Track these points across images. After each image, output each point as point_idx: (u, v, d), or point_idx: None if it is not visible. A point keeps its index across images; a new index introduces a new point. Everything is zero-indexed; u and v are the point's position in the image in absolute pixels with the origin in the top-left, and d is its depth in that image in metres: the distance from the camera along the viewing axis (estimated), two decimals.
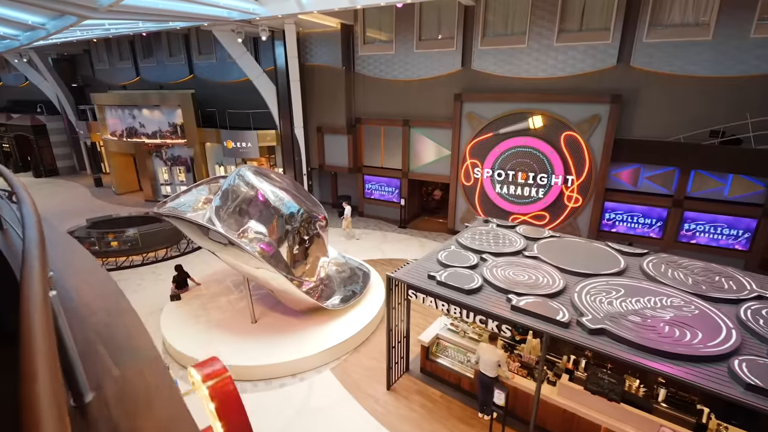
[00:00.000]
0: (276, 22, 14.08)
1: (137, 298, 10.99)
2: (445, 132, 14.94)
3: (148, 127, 19.86)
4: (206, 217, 9.06)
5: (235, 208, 8.74)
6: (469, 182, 14.73)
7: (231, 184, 9.00)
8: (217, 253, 8.37)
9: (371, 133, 16.62)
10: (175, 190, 20.75)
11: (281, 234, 8.77)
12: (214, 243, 8.09)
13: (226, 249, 7.91)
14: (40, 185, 24.91)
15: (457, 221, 15.51)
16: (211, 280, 11.15)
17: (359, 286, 10.16)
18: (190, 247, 14.48)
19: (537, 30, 12.75)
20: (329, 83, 16.47)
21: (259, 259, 7.66)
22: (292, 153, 17.30)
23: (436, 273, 6.56)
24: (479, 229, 8.64)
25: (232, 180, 9.09)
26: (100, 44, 24.14)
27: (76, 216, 18.17)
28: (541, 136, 13.11)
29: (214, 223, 8.75)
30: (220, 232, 7.57)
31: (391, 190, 16.89)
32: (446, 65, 14.41)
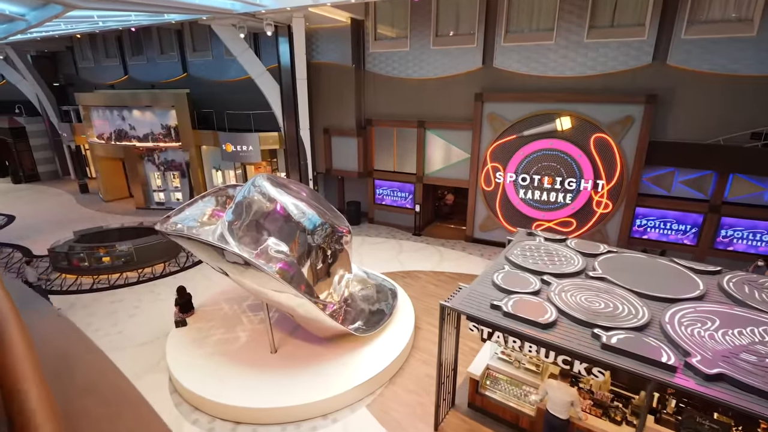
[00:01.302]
0: (283, 15, 13.01)
1: (136, 323, 9.82)
2: (463, 134, 14.05)
3: (138, 130, 18.53)
4: (217, 234, 7.98)
5: (251, 222, 7.69)
6: (490, 187, 13.88)
7: (246, 196, 7.94)
8: (232, 275, 7.32)
9: (383, 136, 15.65)
10: (169, 197, 19.49)
11: (303, 250, 7.75)
12: (229, 264, 7.04)
13: (243, 271, 6.86)
14: (20, 192, 23.28)
15: (476, 228, 14.65)
16: (219, 301, 10.05)
17: (387, 306, 9.19)
18: (190, 261, 13.31)
19: (565, 26, 11.95)
20: (337, 82, 15.44)
21: (283, 283, 6.63)
22: (298, 157, 16.22)
23: (501, 302, 5.63)
24: (527, 244, 7.75)
25: (246, 191, 8.03)
26: (84, 40, 22.64)
27: (61, 227, 16.81)
28: (569, 139, 12.32)
29: (228, 241, 7.68)
30: (239, 253, 6.52)
31: (404, 195, 15.95)
32: (465, 63, 13.53)
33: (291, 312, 7.67)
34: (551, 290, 6.04)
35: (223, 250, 6.78)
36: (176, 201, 19.50)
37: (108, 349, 8.78)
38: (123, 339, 9.15)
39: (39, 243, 15.13)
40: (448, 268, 12.68)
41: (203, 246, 7.12)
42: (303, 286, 7.55)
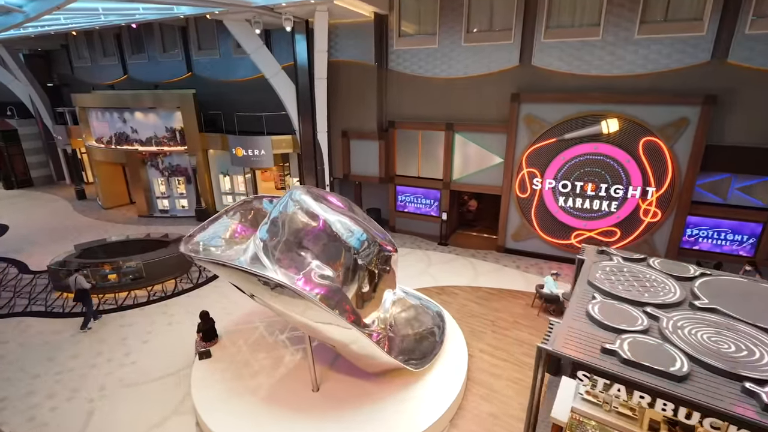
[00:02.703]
0: (304, 9, 11.97)
1: (151, 351, 8.74)
2: (496, 137, 13.11)
3: (141, 133, 17.37)
4: (249, 255, 6.94)
5: (289, 242, 6.66)
6: (525, 194, 12.94)
7: (282, 212, 6.91)
8: (268, 301, 6.29)
9: (406, 139, 14.67)
10: (174, 204, 18.35)
11: (349, 273, 6.74)
12: (267, 291, 6.03)
13: (287, 300, 5.84)
14: (13, 199, 21.96)
15: (508, 237, 13.71)
16: (243, 326, 8.99)
17: (436, 331, 8.20)
18: (203, 277, 12.22)
19: (614, 20, 11.05)
20: (357, 82, 14.42)
21: (339, 318, 5.63)
22: (314, 161, 15.20)
23: (616, 346, 4.66)
24: (606, 266, 6.80)
25: (283, 206, 7.00)
26: (80, 38, 21.43)
27: (60, 238, 15.63)
28: (616, 142, 11.42)
29: (263, 264, 6.65)
30: (292, 287, 5.49)
31: (429, 202, 14.97)
32: (500, 61, 12.58)
33: (340, 347, 6.65)
34: (664, 327, 5.09)
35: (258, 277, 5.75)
36: (181, 208, 18.37)
37: (124, 385, 7.70)
38: (138, 372, 8.06)
39: (35, 256, 13.95)
40: (485, 282, 11.73)
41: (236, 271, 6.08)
42: (352, 316, 6.54)
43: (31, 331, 9.60)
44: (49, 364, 8.37)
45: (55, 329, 9.66)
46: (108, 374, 8.02)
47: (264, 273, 5.79)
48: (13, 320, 10.10)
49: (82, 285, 9.54)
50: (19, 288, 11.76)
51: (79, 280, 9.53)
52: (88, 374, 8.04)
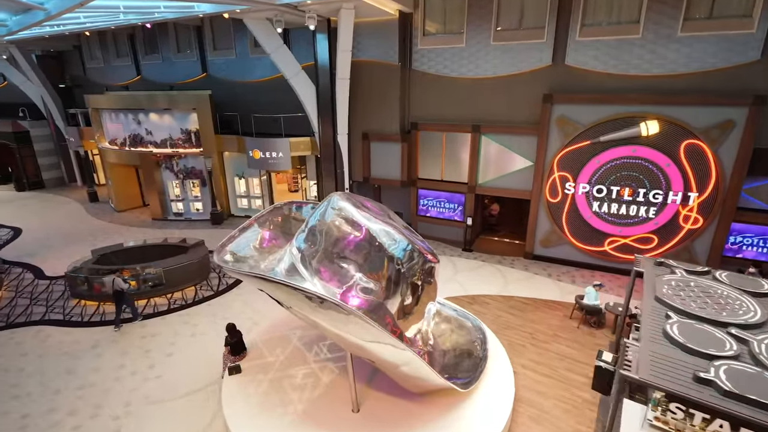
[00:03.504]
0: (328, 7, 11.56)
1: (175, 365, 8.33)
2: (525, 139, 12.63)
3: (156, 135, 17.03)
4: (285, 265, 6.52)
5: (328, 252, 6.22)
6: (556, 198, 12.45)
7: (321, 220, 6.47)
8: (314, 318, 5.84)
9: (429, 141, 14.21)
10: (188, 207, 17.99)
11: (391, 284, 6.29)
12: (312, 306, 5.58)
13: (334, 317, 5.39)
14: (25, 200, 21.72)
15: (537, 243, 13.21)
16: (271, 337, 8.56)
17: (478, 346, 7.73)
18: (224, 283, 11.81)
19: (655, 18, 10.54)
20: (380, 82, 13.99)
21: (395, 339, 5.18)
22: (334, 164, 14.77)
23: (711, 375, 4.18)
24: (671, 279, 6.32)
25: (321, 214, 6.57)
26: (93, 39, 21.16)
27: (75, 242, 15.32)
28: (655, 145, 10.91)
29: (302, 275, 6.22)
30: (348, 307, 5.03)
31: (453, 206, 14.49)
32: (531, 60, 12.11)
33: (388, 367, 6.20)
34: (757, 351, 4.60)
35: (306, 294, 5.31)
36: (195, 212, 18.00)
37: (150, 401, 7.29)
38: (164, 387, 7.65)
39: (50, 261, 13.62)
40: (516, 291, 11.24)
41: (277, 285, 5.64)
42: (396, 331, 6.09)
43: (50, 341, 9.23)
44: (69, 377, 7.98)
45: (75, 339, 9.28)
46: (133, 390, 7.61)
47: (317, 292, 5.31)
48: (32, 329, 9.74)
49: (120, 286, 9.54)
50: (35, 294, 11.41)
51: (117, 282, 9.53)
52: (111, 389, 7.64)
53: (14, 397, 7.52)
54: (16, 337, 9.41)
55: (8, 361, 8.58)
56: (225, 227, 17.02)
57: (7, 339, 9.36)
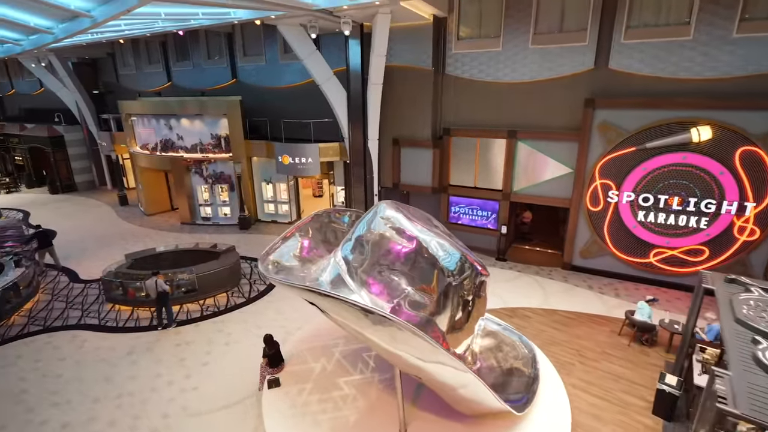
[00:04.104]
0: (365, 12, 11.39)
1: (211, 375, 8.17)
2: (565, 145, 12.18)
3: (186, 140, 17.17)
4: (330, 275, 6.29)
5: (379, 264, 5.97)
6: (597, 207, 11.93)
7: (370, 229, 6.23)
8: (368, 334, 5.57)
9: (462, 146, 13.87)
10: (216, 212, 18.06)
11: (441, 297, 5.98)
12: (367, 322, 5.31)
13: (391, 334, 5.11)
14: (59, 203, 22.24)
15: (576, 254, 12.68)
16: (307, 348, 8.33)
17: (528, 364, 7.32)
18: (255, 290, 11.68)
19: (708, 18, 10.01)
20: (412, 87, 13.75)
21: (457, 361, 4.86)
22: (364, 170, 14.57)
23: None
24: (747, 299, 5.82)
25: (369, 223, 6.33)
26: (126, 46, 21.61)
27: (107, 245, 15.51)
28: (708, 152, 10.33)
29: (349, 287, 5.98)
30: (413, 329, 4.74)
31: (486, 214, 14.09)
32: (572, 64, 11.68)
33: (444, 388, 5.88)
34: None
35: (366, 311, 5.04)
36: (223, 216, 18.06)
37: (188, 414, 7.13)
38: (201, 399, 7.49)
39: (84, 264, 13.77)
40: (557, 304, 10.76)
41: (329, 299, 5.40)
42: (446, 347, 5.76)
43: (87, 346, 9.22)
44: (107, 386, 7.90)
45: (110, 345, 9.25)
46: (170, 400, 7.47)
47: (381, 311, 5.01)
48: (68, 333, 9.76)
49: (163, 287, 9.59)
50: (71, 298, 11.50)
51: (159, 283, 9.57)
52: (149, 399, 7.52)
53: (54, 405, 7.47)
54: (54, 342, 9.44)
55: (47, 366, 8.58)
56: (252, 232, 17.00)
57: (45, 343, 9.40)
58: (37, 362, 8.70)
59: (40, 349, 9.16)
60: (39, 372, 8.39)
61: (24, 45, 13.58)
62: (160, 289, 9.58)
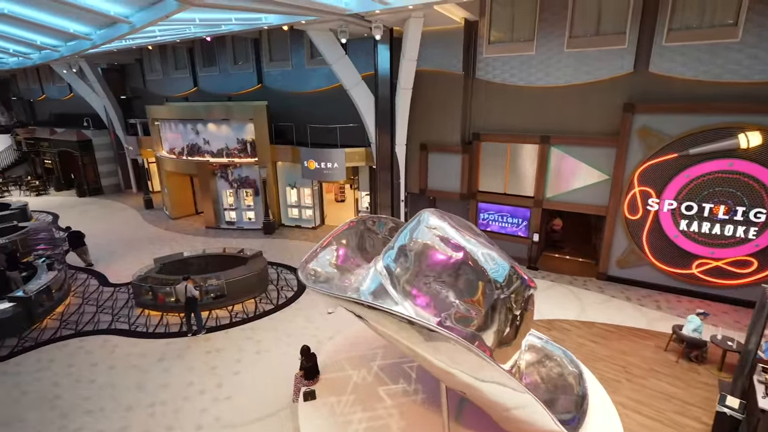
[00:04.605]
0: (397, 17, 11.26)
1: (243, 384, 8.03)
2: (601, 151, 11.78)
3: (213, 144, 17.28)
4: (373, 286, 6.08)
5: (425, 274, 5.72)
6: (636, 215, 11.48)
7: (414, 239, 5.99)
8: (416, 347, 5.32)
9: (492, 152, 13.56)
10: (241, 216, 18.09)
11: (489, 310, 5.69)
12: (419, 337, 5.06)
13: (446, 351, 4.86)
14: (86, 206, 22.65)
15: (612, 263, 12.22)
16: (341, 359, 8.12)
17: (574, 381, 6.96)
18: (283, 297, 11.56)
19: (757, 19, 9.55)
20: (441, 92, 13.55)
21: (511, 378, 4.59)
22: (391, 175, 14.38)
23: None
24: None
25: (412, 232, 6.09)
26: (154, 52, 21.98)
27: (134, 248, 15.64)
28: (757, 159, 9.82)
29: (393, 299, 5.76)
30: (468, 345, 4.49)
31: (517, 221, 13.73)
32: (610, 67, 11.31)
33: (495, 409, 5.59)
34: None
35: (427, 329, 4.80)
36: (248, 221, 18.08)
37: (222, 425, 6.99)
38: (234, 410, 7.34)
39: (113, 268, 13.88)
40: (595, 316, 10.33)
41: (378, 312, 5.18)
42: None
43: (118, 352, 9.19)
44: (140, 394, 7.82)
45: (141, 351, 9.20)
46: (203, 410, 7.34)
47: (442, 330, 4.75)
48: (99, 338, 9.77)
49: (192, 293, 9.51)
50: (101, 302, 11.56)
51: (189, 288, 9.49)
52: (182, 409, 7.40)
53: (87, 412, 7.42)
54: (86, 346, 9.45)
55: (80, 371, 8.57)
56: (276, 237, 16.95)
57: (77, 348, 9.41)
58: (71, 367, 8.70)
59: (72, 354, 9.18)
60: (72, 377, 8.38)
61: (62, 51, 13.86)
62: (189, 295, 9.52)
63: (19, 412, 7.41)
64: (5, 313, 9.75)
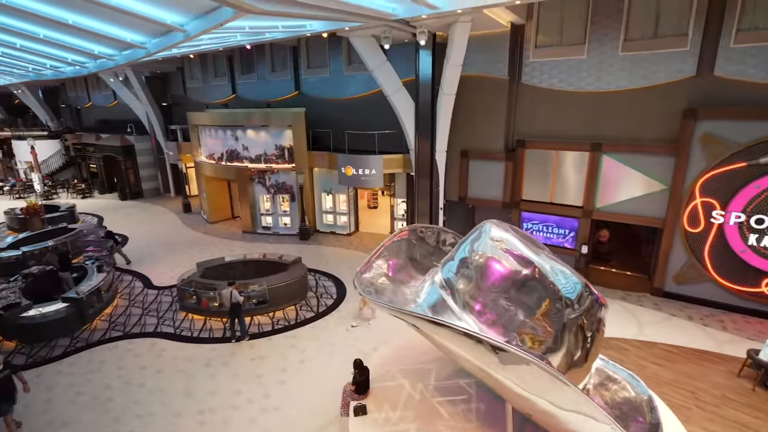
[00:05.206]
0: (443, 21, 11.05)
1: (289, 395, 7.90)
2: (658, 159, 11.15)
3: (251, 150, 17.50)
4: (432, 300, 5.83)
5: (489, 290, 5.42)
6: (697, 228, 10.76)
7: (478, 251, 5.70)
8: (492, 371, 5.00)
9: (537, 159, 13.09)
10: (277, 222, 18.21)
11: (558, 330, 5.32)
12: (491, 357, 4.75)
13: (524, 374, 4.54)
14: (128, 209, 23.41)
15: (668, 279, 11.50)
16: (390, 371, 7.85)
17: (647, 410, 6.45)
18: (323, 304, 11.44)
19: None
20: (485, 97, 13.22)
21: (596, 408, 4.23)
22: (430, 182, 14.11)
23: None
24: None
25: (475, 244, 5.81)
26: (195, 61, 22.58)
27: (175, 252, 15.96)
28: None
29: (456, 314, 5.48)
30: (544, 366, 4.19)
31: (563, 232, 13.18)
32: (669, 71, 10.71)
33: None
34: None
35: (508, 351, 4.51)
36: (283, 226, 18.18)
37: None
38: (283, 421, 7.21)
39: (156, 270, 14.16)
40: (654, 336, 9.69)
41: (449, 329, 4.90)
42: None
43: (165, 356, 9.26)
44: (188, 400, 7.81)
45: (187, 356, 9.24)
46: (251, 421, 7.24)
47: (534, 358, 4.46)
48: (147, 341, 9.90)
49: (237, 299, 9.50)
50: (146, 304, 11.75)
51: (234, 294, 9.48)
52: (231, 418, 7.32)
53: (138, 417, 7.45)
54: (134, 349, 9.58)
55: (129, 374, 8.66)
56: (312, 243, 16.94)
57: (126, 350, 9.55)
58: (120, 369, 8.81)
59: (121, 356, 9.31)
60: (122, 380, 8.47)
61: (117, 60, 14.37)
62: (234, 300, 9.51)
63: (76, 413, 7.52)
64: (59, 313, 10.02)
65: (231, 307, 9.56)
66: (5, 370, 6.50)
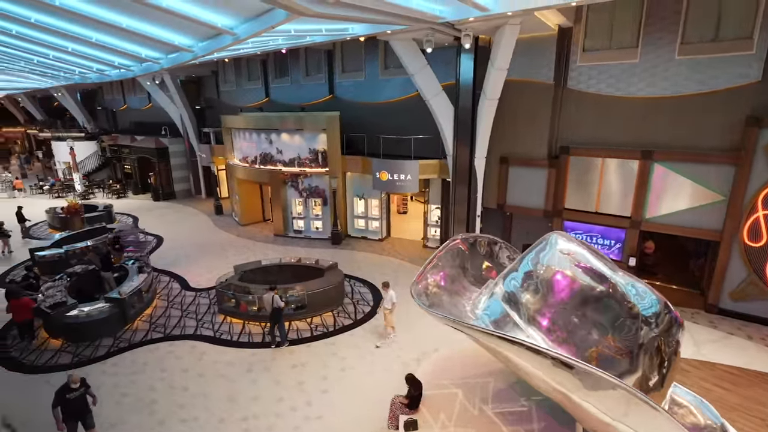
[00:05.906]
0: (489, 24, 10.80)
1: (332, 404, 7.71)
2: (716, 169, 10.55)
3: (285, 154, 17.56)
4: (495, 314, 5.55)
5: (559, 306, 5.11)
6: (759, 242, 10.11)
7: (544, 264, 5.41)
8: (567, 391, 4.68)
9: (582, 167, 12.60)
10: (308, 225, 18.18)
11: (637, 352, 4.96)
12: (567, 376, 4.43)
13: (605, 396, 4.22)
14: (161, 210, 23.86)
15: (724, 295, 10.85)
16: (441, 382, 7.57)
17: None
18: (360, 312, 11.26)
19: None
20: (529, 102, 12.86)
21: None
22: (468, 189, 13.81)
23: None
24: None
25: (540, 256, 5.51)
26: (229, 64, 22.93)
27: (209, 253, 16.11)
28: None
29: (522, 329, 5.19)
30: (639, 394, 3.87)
31: (609, 243, 12.65)
32: (731, 76, 10.15)
33: None
34: None
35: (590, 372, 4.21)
36: (315, 230, 18.13)
37: None
38: (328, 431, 7.01)
39: (192, 272, 14.27)
40: (713, 356, 9.10)
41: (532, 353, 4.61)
42: None
43: (206, 359, 9.24)
44: (232, 405, 7.72)
45: (228, 360, 9.19)
46: (296, 429, 7.09)
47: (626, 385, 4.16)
48: (187, 343, 9.91)
49: (278, 304, 9.40)
50: (184, 306, 11.82)
51: (276, 299, 9.38)
52: (275, 426, 7.19)
53: (182, 421, 7.39)
54: (176, 351, 9.59)
55: (172, 377, 8.65)
56: (344, 248, 16.82)
57: (167, 352, 9.57)
58: (163, 372, 8.81)
59: (163, 358, 9.33)
60: (165, 382, 8.46)
61: (162, 63, 14.64)
62: (276, 305, 9.41)
63: (122, 414, 7.53)
64: (102, 313, 10.15)
65: (272, 312, 9.47)
66: (81, 387, 6.58)
